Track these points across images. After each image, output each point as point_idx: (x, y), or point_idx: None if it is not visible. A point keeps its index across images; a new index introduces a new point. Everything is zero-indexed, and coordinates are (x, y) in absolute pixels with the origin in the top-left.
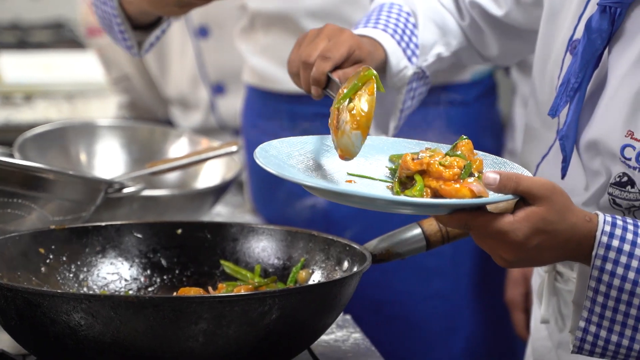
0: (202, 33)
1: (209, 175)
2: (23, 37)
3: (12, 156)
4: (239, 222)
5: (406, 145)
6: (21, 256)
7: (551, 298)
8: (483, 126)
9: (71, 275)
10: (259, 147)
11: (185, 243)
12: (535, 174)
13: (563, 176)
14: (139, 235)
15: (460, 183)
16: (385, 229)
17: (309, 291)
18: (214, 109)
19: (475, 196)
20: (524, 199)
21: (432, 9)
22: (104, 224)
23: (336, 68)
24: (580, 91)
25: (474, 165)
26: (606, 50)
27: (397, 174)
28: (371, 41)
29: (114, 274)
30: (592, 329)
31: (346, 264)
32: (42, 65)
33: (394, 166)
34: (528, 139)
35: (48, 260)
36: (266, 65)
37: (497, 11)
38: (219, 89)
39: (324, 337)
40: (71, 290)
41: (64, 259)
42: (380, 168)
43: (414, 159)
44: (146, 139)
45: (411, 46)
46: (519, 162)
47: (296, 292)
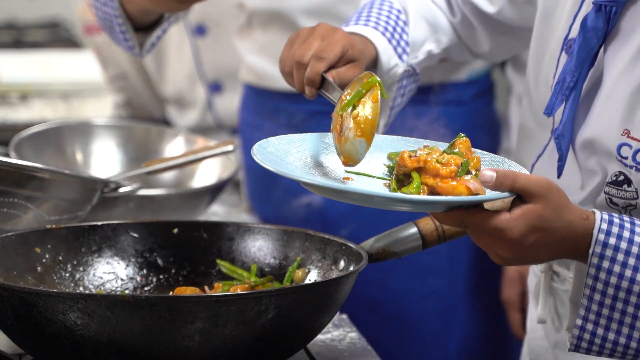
0: (200, 31)
1: (205, 175)
2: (19, 37)
3: (8, 155)
4: (235, 222)
5: (404, 142)
6: (17, 256)
7: (548, 298)
8: (479, 125)
9: (67, 274)
10: (257, 144)
11: (181, 242)
12: (530, 173)
13: (559, 175)
14: (135, 235)
15: (457, 180)
16: (381, 227)
17: (305, 290)
18: (211, 107)
19: (472, 194)
20: (520, 196)
21: (423, 5)
22: (100, 223)
23: (330, 68)
24: (576, 90)
25: (471, 163)
26: (602, 49)
27: (395, 172)
28: (362, 39)
29: (110, 273)
30: (589, 327)
31: (342, 263)
32: (38, 65)
33: (391, 163)
34: (522, 139)
35: (44, 260)
36: (263, 63)
37: (489, 8)
38: (216, 88)
39: (320, 337)
40: (67, 290)
41: (60, 258)
42: (378, 165)
43: (411, 156)
44: (142, 138)
45: (402, 44)
46: (514, 161)
47: (292, 291)
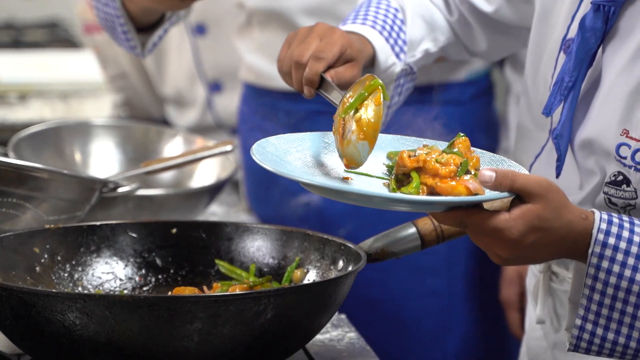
0: (200, 31)
1: (204, 175)
2: (17, 37)
3: (6, 155)
4: (234, 222)
5: (404, 142)
6: (16, 256)
7: (547, 298)
8: (479, 125)
9: (66, 274)
10: (256, 143)
11: (180, 242)
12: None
13: (557, 175)
14: (134, 235)
15: (456, 180)
16: (379, 227)
17: (304, 290)
18: (210, 106)
19: (471, 194)
20: (519, 196)
21: (420, 4)
22: (98, 223)
23: (328, 68)
24: (574, 90)
25: (470, 163)
26: (600, 49)
27: (394, 171)
28: (360, 38)
29: (109, 273)
30: (589, 326)
31: (341, 263)
32: (37, 65)
33: (391, 163)
34: (520, 139)
35: (43, 260)
36: (263, 62)
37: (486, 7)
38: (216, 87)
39: (319, 337)
40: (66, 290)
41: (59, 258)
42: (378, 165)
43: (410, 156)
44: (141, 138)
45: (399, 42)
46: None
47: (291, 291)
